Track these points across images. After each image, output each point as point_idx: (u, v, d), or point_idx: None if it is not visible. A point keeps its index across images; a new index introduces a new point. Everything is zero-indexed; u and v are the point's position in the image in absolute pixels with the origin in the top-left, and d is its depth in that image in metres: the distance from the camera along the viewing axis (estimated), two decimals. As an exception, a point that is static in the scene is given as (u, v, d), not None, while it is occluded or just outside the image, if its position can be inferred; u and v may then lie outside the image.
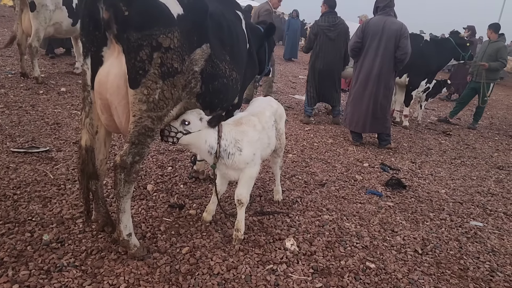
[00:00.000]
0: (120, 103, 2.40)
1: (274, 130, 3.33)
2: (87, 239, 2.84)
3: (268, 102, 3.46)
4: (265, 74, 4.42)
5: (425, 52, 7.40)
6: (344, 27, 7.07)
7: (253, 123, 3.03)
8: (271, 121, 3.28)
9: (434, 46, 7.58)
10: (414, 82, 7.62)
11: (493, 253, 3.41)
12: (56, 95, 6.50)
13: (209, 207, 3.25)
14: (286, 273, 2.75)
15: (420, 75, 7.59)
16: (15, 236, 2.76)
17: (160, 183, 3.92)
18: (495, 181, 5.37)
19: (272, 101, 3.53)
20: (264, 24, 4.13)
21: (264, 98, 3.60)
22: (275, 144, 3.39)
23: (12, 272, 2.41)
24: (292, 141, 6.02)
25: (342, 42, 7.06)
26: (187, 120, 2.65)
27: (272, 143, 3.30)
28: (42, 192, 3.41)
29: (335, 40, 7.03)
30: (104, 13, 2.21)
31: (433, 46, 7.56)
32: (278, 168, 3.79)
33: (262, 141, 3.07)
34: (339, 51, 7.10)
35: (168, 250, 2.83)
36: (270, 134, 3.23)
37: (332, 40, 7.01)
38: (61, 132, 4.89)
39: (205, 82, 2.73)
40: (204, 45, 2.64)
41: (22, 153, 4.11)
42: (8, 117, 5.07)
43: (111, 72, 2.35)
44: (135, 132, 2.40)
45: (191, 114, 2.69)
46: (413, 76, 7.56)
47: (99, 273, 2.50)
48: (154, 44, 2.28)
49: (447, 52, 7.72)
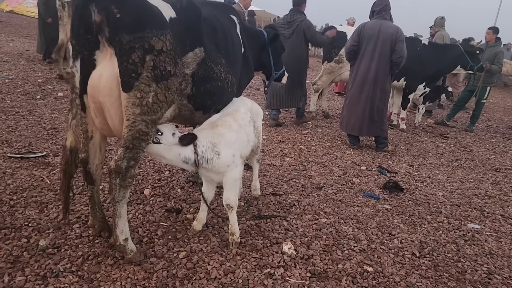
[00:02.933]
0: (113, 105, 2.39)
1: (252, 126, 3.29)
2: (84, 244, 2.82)
3: (242, 101, 3.40)
4: (277, 79, 4.31)
5: (423, 56, 7.40)
6: (301, 24, 6.52)
7: (229, 123, 2.99)
8: (247, 118, 3.22)
9: (433, 50, 7.56)
10: (411, 86, 7.64)
11: (490, 255, 3.41)
12: (53, 100, 6.50)
13: (199, 216, 3.22)
14: (284, 277, 2.75)
15: (417, 79, 7.60)
16: (11, 242, 2.75)
17: (157, 188, 3.91)
18: (492, 184, 5.38)
19: (245, 99, 3.47)
20: (271, 28, 4.15)
21: (237, 98, 3.47)
22: (254, 141, 3.34)
23: (8, 278, 2.40)
24: (289, 144, 6.02)
25: (300, 40, 6.59)
26: (160, 131, 2.63)
27: (252, 139, 3.25)
28: (38, 197, 3.40)
29: (290, 38, 6.54)
30: (96, 16, 2.21)
31: (431, 50, 7.54)
32: (256, 161, 3.70)
33: (240, 140, 3.03)
34: (297, 50, 6.60)
35: (165, 255, 2.82)
36: (248, 130, 3.19)
37: (287, 38, 6.48)
38: (58, 137, 4.88)
39: (196, 84, 2.74)
40: (197, 49, 2.65)
41: (19, 158, 4.11)
42: (5, 122, 5.07)
43: (104, 75, 2.34)
44: (129, 136, 2.40)
45: (166, 127, 2.69)
46: (410, 80, 7.58)
47: (96, 279, 2.49)
48: (147, 47, 2.28)
49: (451, 58, 7.64)
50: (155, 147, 2.64)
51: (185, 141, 2.71)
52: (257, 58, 3.94)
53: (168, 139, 2.67)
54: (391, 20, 5.91)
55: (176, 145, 2.70)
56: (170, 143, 2.68)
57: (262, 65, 4.09)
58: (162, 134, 2.64)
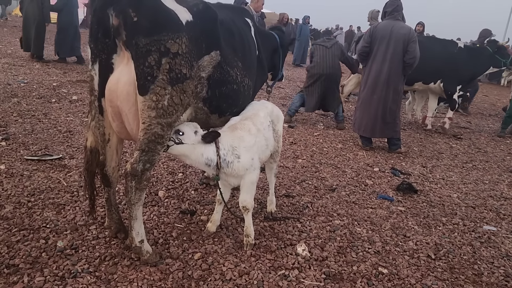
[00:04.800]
0: (130, 110, 2.43)
1: (272, 131, 3.25)
2: (101, 245, 2.86)
3: (262, 104, 3.37)
4: (279, 79, 4.44)
5: (459, 59, 7.49)
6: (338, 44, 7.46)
7: (248, 127, 2.97)
8: (267, 122, 3.19)
9: (468, 53, 7.66)
10: (449, 88, 7.64)
11: (507, 257, 3.36)
12: (68, 104, 6.60)
13: (213, 217, 3.22)
14: (298, 278, 2.75)
15: (454, 81, 7.63)
16: (30, 243, 2.80)
17: (171, 190, 3.95)
18: (508, 185, 5.30)
19: (266, 102, 3.43)
20: (279, 30, 4.18)
21: (258, 102, 3.48)
22: (273, 145, 3.30)
23: (27, 279, 2.44)
24: (301, 146, 6.02)
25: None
26: (181, 131, 2.63)
27: (271, 144, 3.21)
28: (56, 199, 3.45)
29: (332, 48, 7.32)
30: (114, 19, 2.24)
31: (467, 53, 7.64)
32: (273, 175, 3.62)
33: (259, 144, 3.00)
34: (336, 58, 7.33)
35: (181, 256, 2.85)
36: (267, 135, 3.15)
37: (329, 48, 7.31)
38: (74, 140, 4.95)
39: (212, 88, 2.74)
40: (213, 52, 2.66)
41: (36, 161, 4.18)
42: (21, 126, 5.16)
43: (121, 79, 2.38)
44: (145, 139, 2.42)
45: (187, 126, 2.67)
46: (447, 82, 7.60)
47: (113, 279, 2.52)
48: (162, 50, 2.31)
49: (484, 60, 7.82)
50: (178, 148, 2.64)
51: (209, 138, 2.71)
52: (269, 60, 3.97)
53: (190, 138, 2.66)
54: (403, 21, 5.88)
55: (200, 143, 2.70)
56: (193, 142, 2.67)
57: (272, 67, 4.13)
58: (184, 134, 2.64)
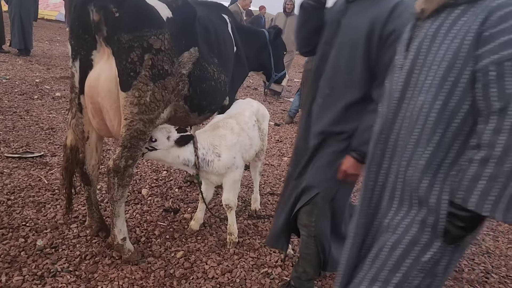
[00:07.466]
0: (112, 106, 2.40)
1: (257, 130, 3.23)
2: (81, 244, 2.83)
3: (248, 103, 3.35)
4: (276, 81, 4.28)
5: None
6: None
7: (230, 126, 2.95)
8: (252, 121, 3.16)
9: None
10: None
11: (488, 254, 3.42)
12: (51, 100, 6.49)
13: (196, 215, 3.21)
14: (281, 276, 2.75)
15: None
16: (9, 242, 2.74)
17: (155, 187, 3.91)
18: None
19: (252, 101, 3.42)
20: (273, 28, 4.13)
21: (243, 100, 3.46)
22: (259, 145, 3.28)
23: (5, 278, 2.40)
24: (287, 144, 6.03)
25: None
26: (153, 137, 2.61)
27: (255, 144, 3.19)
28: (36, 197, 3.39)
29: None
30: (95, 15, 2.22)
31: None
32: (258, 173, 3.62)
33: (242, 143, 2.97)
34: None
35: (163, 255, 2.83)
36: (252, 134, 3.12)
37: None
38: (56, 137, 4.87)
39: (193, 85, 2.74)
40: (192, 49, 2.66)
41: (17, 159, 4.10)
42: (2, 123, 5.06)
43: (102, 76, 2.35)
44: (127, 135, 2.40)
45: (159, 132, 2.65)
46: None
47: (93, 278, 2.49)
48: (145, 46, 2.29)
49: None
50: (152, 154, 2.64)
51: (182, 142, 2.70)
52: (257, 58, 3.93)
53: (163, 144, 2.65)
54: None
55: (174, 147, 2.69)
56: (167, 147, 2.67)
57: (262, 66, 4.07)
58: (156, 141, 2.62)
